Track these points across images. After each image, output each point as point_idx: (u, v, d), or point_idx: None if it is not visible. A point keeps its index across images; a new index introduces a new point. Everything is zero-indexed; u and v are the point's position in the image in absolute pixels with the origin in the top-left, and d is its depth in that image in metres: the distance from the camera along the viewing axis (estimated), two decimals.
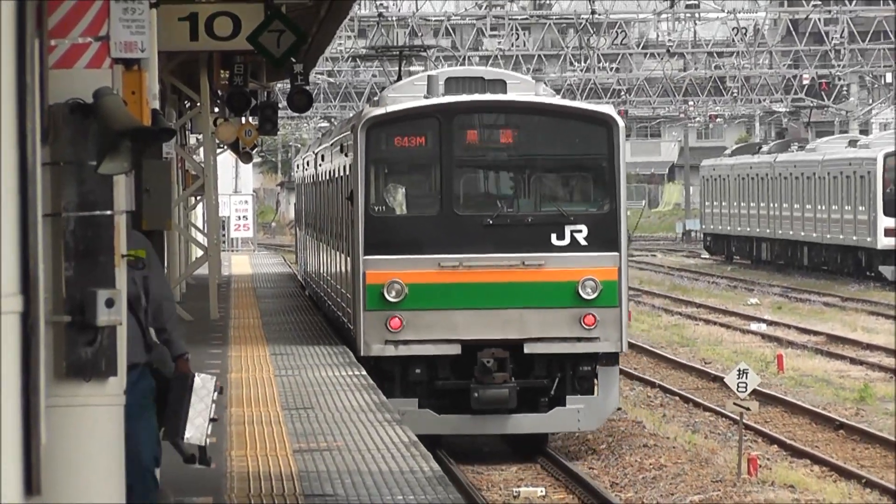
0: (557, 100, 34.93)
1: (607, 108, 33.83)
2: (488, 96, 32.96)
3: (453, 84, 33.45)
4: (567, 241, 31.49)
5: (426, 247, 31.78)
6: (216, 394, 12.03)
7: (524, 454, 31.81)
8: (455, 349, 31.38)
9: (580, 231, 31.45)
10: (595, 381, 31.38)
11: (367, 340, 31.33)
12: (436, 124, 31.98)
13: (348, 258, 33.47)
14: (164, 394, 11.94)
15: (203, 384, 11.94)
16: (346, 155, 34.25)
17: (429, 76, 34.57)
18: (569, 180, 32.79)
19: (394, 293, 31.46)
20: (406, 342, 31.50)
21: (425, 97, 33.07)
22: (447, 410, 31.21)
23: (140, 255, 11.59)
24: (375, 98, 37.77)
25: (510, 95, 33.29)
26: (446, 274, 31.70)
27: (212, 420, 11.91)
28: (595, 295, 31.18)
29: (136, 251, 11.58)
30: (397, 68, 47.71)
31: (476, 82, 33.70)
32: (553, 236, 31.43)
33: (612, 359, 31.42)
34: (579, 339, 31.21)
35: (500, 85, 33.69)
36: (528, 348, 31.34)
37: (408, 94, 34.02)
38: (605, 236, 31.64)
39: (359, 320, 31.51)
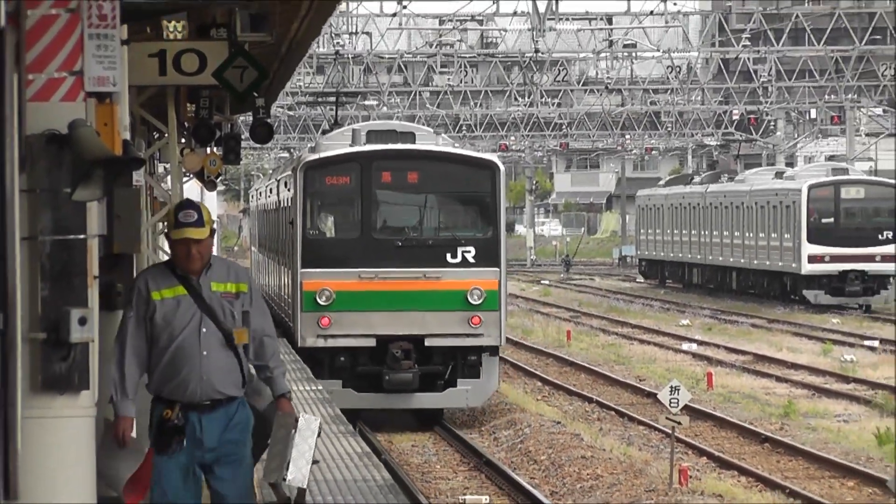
0: (452, 148, 38.80)
1: (491, 156, 39.69)
2: (399, 146, 36.84)
3: (373, 135, 37.36)
4: (459, 259, 35.45)
5: (350, 262, 35.62)
6: (318, 435, 11.59)
7: (425, 424, 36.12)
8: (371, 342, 35.30)
9: (469, 251, 35.44)
10: (480, 368, 35.33)
11: (303, 335, 35.09)
12: (358, 167, 36.20)
13: (290, 271, 37.33)
14: (256, 431, 11.36)
15: (307, 425, 11.42)
16: (288, 189, 38.81)
17: (353, 129, 39.31)
18: (461, 212, 36.94)
19: (324, 298, 35.31)
20: (333, 336, 35.37)
21: (350, 146, 37.17)
22: (365, 390, 35.22)
23: (241, 289, 11.31)
24: (312, 145, 43.27)
25: (417, 145, 37.18)
26: (365, 283, 35.50)
27: (314, 462, 11.46)
28: (480, 301, 35.10)
29: (237, 285, 11.32)
30: (348, 109, 55.94)
31: (390, 134, 37.90)
32: (448, 255, 35.40)
33: (493, 351, 35.48)
34: (468, 335, 35.19)
35: (409, 136, 37.87)
36: (428, 342, 35.30)
37: (338, 142, 38.70)
38: (488, 256, 35.51)
39: (297, 319, 35.40)
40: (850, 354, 47.18)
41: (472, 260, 35.52)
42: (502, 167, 37.34)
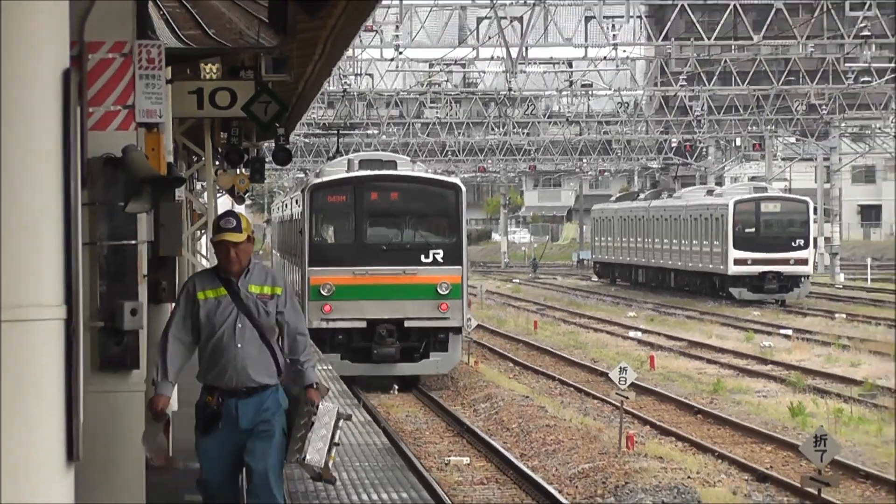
0: (424, 173, 40.86)
1: (455, 179, 41.26)
2: (383, 171, 38.77)
3: (364, 164, 39.27)
4: (430, 259, 37.07)
5: (346, 262, 37.22)
6: (341, 420, 11.43)
7: (407, 388, 37.57)
8: (363, 324, 36.86)
9: (438, 253, 37.12)
10: (447, 343, 37.02)
11: (310, 319, 35.54)
12: (352, 189, 38.01)
13: (300, 269, 38.56)
14: (290, 414, 11.17)
15: (326, 412, 11.16)
16: (299, 206, 40.60)
17: (349, 159, 40.85)
18: (431, 223, 38.20)
19: (326, 290, 36.87)
20: (333, 319, 36.83)
21: (346, 172, 38.85)
22: (358, 360, 36.72)
23: (276, 292, 11.12)
24: (318, 171, 44.44)
25: (397, 171, 39.08)
26: (358, 279, 37.10)
27: (335, 444, 11.26)
28: (447, 292, 36.70)
29: (272, 288, 11.15)
30: (340, 143, 58.51)
31: (377, 162, 39.86)
32: (422, 256, 37.10)
33: (457, 330, 37.11)
34: (438, 318, 36.75)
35: (392, 164, 39.86)
36: (407, 323, 36.79)
37: (337, 169, 40.33)
38: (453, 257, 37.15)
39: (305, 306, 35.89)
40: (767, 341, 47.11)
41: (440, 260, 37.14)
42: (464, 188, 38.98)
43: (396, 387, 37.08)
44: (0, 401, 6.45)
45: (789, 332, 50.60)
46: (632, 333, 51.41)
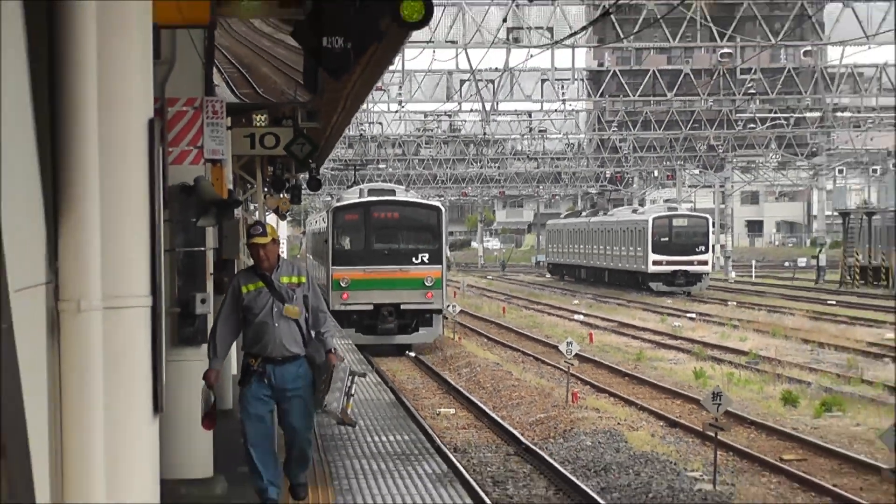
0: (414, 198, 41.68)
1: (437, 202, 42.29)
2: (384, 198, 39.57)
3: (371, 192, 40.55)
4: (419, 260, 37.41)
5: (358, 262, 37.59)
6: (353, 377, 11.46)
7: (401, 354, 37.84)
8: (370, 307, 37.20)
9: (425, 256, 37.49)
10: (432, 321, 37.59)
11: (332, 303, 36.29)
12: (362, 210, 38.55)
13: (325, 268, 39.03)
14: (315, 373, 11.12)
15: (341, 370, 11.12)
16: (324, 222, 41.73)
17: (360, 188, 42.50)
18: (420, 234, 38.36)
19: (344, 283, 37.30)
20: (349, 304, 37.22)
21: (359, 197, 39.90)
22: (367, 333, 37.18)
23: (302, 281, 11.07)
24: (338, 197, 45.87)
25: (395, 197, 39.99)
26: (367, 274, 37.36)
27: (350, 395, 11.30)
28: (431, 284, 37.13)
29: (298, 278, 11.08)
30: (356, 175, 65.38)
31: (380, 191, 41.03)
32: (413, 258, 37.45)
33: (438, 311, 37.62)
34: (424, 303, 37.25)
35: (391, 192, 41.01)
36: (403, 307, 37.20)
37: (352, 195, 41.47)
38: (436, 259, 37.58)
39: (329, 294, 36.61)
40: (677, 322, 47.15)
41: (426, 261, 37.50)
42: (443, 209, 39.94)
43: (412, 353, 37.53)
44: (104, 368, 6.46)
45: (693, 315, 50.63)
46: (576, 316, 51.41)
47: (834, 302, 57.75)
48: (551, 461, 20.22)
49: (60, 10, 6.30)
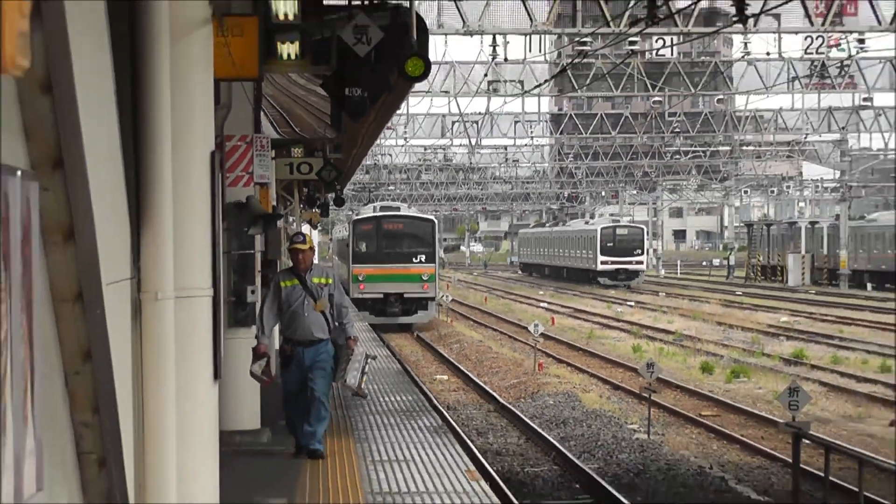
0: (414, 213, 41.71)
1: (432, 216, 42.40)
2: (392, 212, 39.75)
3: (381, 208, 40.68)
4: (418, 260, 37.17)
5: (372, 262, 37.36)
6: (367, 360, 11.48)
7: (406, 331, 37.54)
8: (381, 295, 37.09)
9: (422, 257, 37.25)
10: (428, 306, 37.64)
11: (352, 292, 36.42)
12: (375, 221, 38.43)
13: (347, 266, 38.92)
14: (336, 357, 10.98)
15: (359, 353, 11.15)
16: (346, 231, 42.78)
17: (373, 206, 43.19)
18: (418, 240, 38.14)
19: (361, 277, 37.19)
20: (365, 293, 37.14)
21: (372, 213, 39.91)
22: (378, 315, 36.81)
23: (329, 282, 10.94)
24: (357, 212, 46.73)
25: (400, 212, 40.13)
26: (378, 270, 37.13)
27: (364, 373, 11.32)
28: (427, 278, 36.94)
29: (326, 279, 10.99)
30: (371, 195, 66.80)
31: (388, 208, 41.11)
32: (413, 258, 37.18)
33: (432, 299, 37.69)
34: (421, 293, 37.12)
35: (396, 208, 41.30)
36: (406, 295, 37.12)
37: (367, 211, 41.64)
38: (430, 259, 37.34)
39: (349, 286, 36.85)
40: (619, 308, 47.22)
41: (423, 261, 37.27)
42: (436, 221, 40.37)
43: (416, 333, 37.13)
44: (175, 344, 6.46)
45: (632, 303, 50.65)
46: (541, 304, 51.41)
47: (740, 293, 57.82)
48: (522, 416, 20.23)
49: (142, 69, 6.35)
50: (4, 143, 4.02)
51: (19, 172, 4.04)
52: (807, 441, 12.43)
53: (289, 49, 9.08)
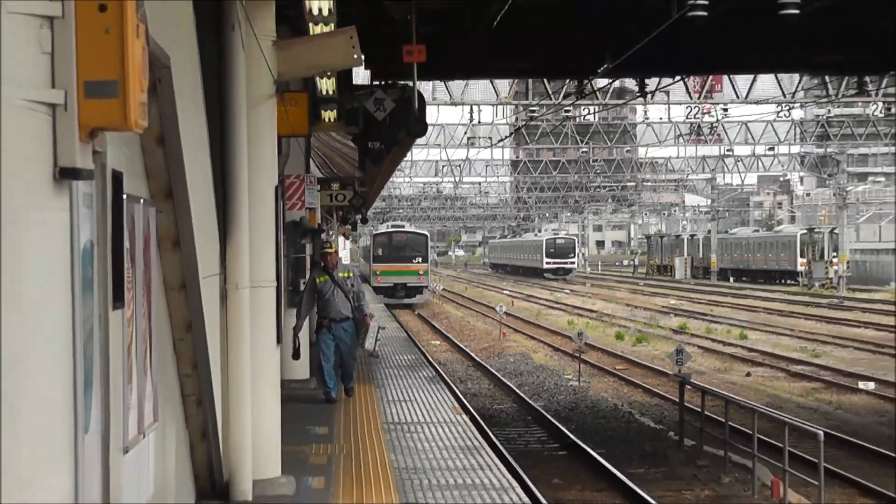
0: (414, 229, 40.60)
1: (426, 230, 42.04)
2: (399, 228, 39.53)
3: (392, 226, 41.00)
4: (416, 261, 36.90)
5: (385, 262, 36.88)
6: (379, 330, 11.60)
7: (411, 309, 36.29)
8: (391, 284, 36.76)
9: (419, 258, 36.97)
10: (424, 291, 37.70)
11: (371, 283, 36.32)
12: (387, 236, 38.07)
13: (369, 265, 38.70)
14: (356, 329, 10.78)
15: (372, 327, 11.36)
16: (367, 242, 42.59)
17: (387, 224, 42.91)
18: (416, 247, 37.77)
19: (378, 272, 36.85)
20: (381, 283, 36.72)
21: (386, 230, 39.40)
22: (390, 298, 36.02)
23: (350, 276, 10.80)
24: (376, 228, 45.70)
25: (404, 229, 39.74)
26: (390, 267, 36.78)
27: (378, 339, 11.40)
28: (423, 273, 36.92)
29: (349, 274, 10.86)
30: (385, 216, 65.56)
31: (396, 225, 41.55)
32: (413, 260, 36.93)
33: (426, 287, 37.74)
34: (418, 283, 37.02)
35: (402, 226, 41.35)
36: (408, 285, 36.88)
37: (383, 228, 40.67)
38: (424, 260, 37.12)
39: (370, 279, 36.76)
40: (559, 294, 47.14)
41: (420, 261, 36.97)
42: (428, 234, 39.87)
43: (418, 312, 36.12)
44: (251, 321, 6.45)
45: (567, 291, 50.61)
46: (504, 291, 51.30)
47: (642, 284, 57.79)
48: (491, 370, 20.19)
49: (228, 127, 6.37)
50: (132, 180, 4.08)
51: (142, 200, 4.11)
52: (689, 386, 12.46)
53: (329, 115, 9.16)
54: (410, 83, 9.52)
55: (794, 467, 9.00)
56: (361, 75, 13.80)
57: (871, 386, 15.88)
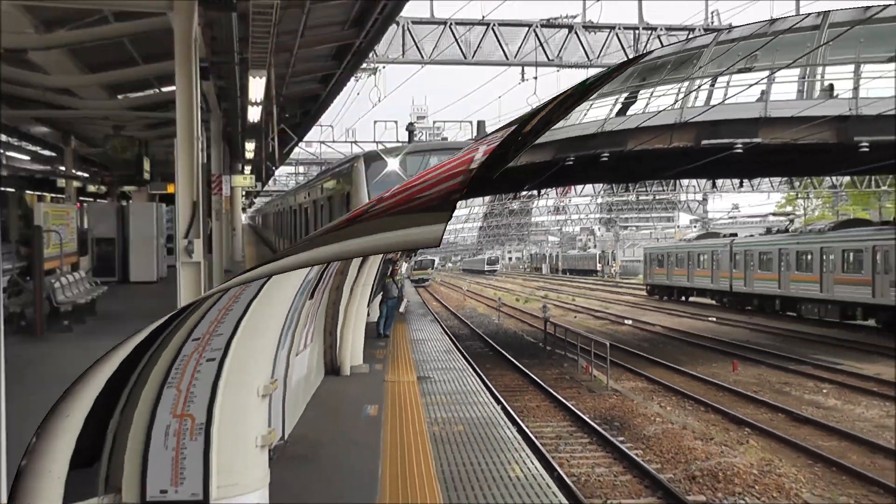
0: (431, 256, 40.34)
1: (434, 256, 43.09)
2: (422, 256, 36.90)
3: (420, 252, 31.83)
4: (428, 268, 37.40)
5: (416, 269, 37.18)
6: (408, 301, 13.71)
7: (423, 287, 36.68)
8: (418, 278, 36.08)
9: (430, 268, 37.85)
10: (428, 281, 37.50)
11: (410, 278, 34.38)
12: (420, 256, 36.37)
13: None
14: (398, 301, 11.57)
15: (404, 301, 13.01)
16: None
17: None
18: (427, 262, 37.86)
19: (414, 275, 35.58)
20: (413, 277, 35.28)
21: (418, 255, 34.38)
22: (417, 286, 35.00)
23: (401, 278, 11.25)
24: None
25: (427, 255, 39.60)
26: (417, 272, 36.27)
27: (406, 307, 13.14)
28: (431, 272, 37.81)
29: (399, 277, 11.40)
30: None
31: (422, 252, 34.80)
32: (427, 268, 37.79)
33: (431, 278, 38.12)
34: (429, 276, 37.27)
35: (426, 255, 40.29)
36: (424, 278, 37.01)
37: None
38: (431, 267, 38.52)
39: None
40: (492, 281, 44.36)
41: (429, 268, 37.82)
42: (436, 259, 40.21)
43: (429, 291, 36.68)
44: (359, 302, 8.76)
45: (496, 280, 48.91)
46: (496, 285, 48.31)
47: (529, 277, 56.19)
48: (483, 336, 20.73)
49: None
50: None
51: None
52: (549, 322, 17.90)
53: None
54: None
55: (596, 359, 14.11)
56: None
57: (629, 322, 22.46)
